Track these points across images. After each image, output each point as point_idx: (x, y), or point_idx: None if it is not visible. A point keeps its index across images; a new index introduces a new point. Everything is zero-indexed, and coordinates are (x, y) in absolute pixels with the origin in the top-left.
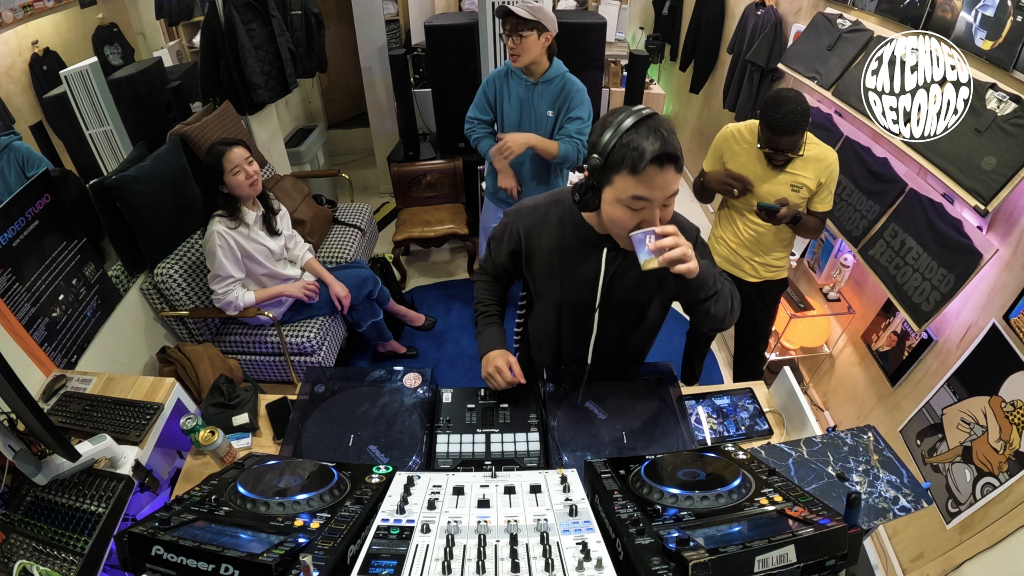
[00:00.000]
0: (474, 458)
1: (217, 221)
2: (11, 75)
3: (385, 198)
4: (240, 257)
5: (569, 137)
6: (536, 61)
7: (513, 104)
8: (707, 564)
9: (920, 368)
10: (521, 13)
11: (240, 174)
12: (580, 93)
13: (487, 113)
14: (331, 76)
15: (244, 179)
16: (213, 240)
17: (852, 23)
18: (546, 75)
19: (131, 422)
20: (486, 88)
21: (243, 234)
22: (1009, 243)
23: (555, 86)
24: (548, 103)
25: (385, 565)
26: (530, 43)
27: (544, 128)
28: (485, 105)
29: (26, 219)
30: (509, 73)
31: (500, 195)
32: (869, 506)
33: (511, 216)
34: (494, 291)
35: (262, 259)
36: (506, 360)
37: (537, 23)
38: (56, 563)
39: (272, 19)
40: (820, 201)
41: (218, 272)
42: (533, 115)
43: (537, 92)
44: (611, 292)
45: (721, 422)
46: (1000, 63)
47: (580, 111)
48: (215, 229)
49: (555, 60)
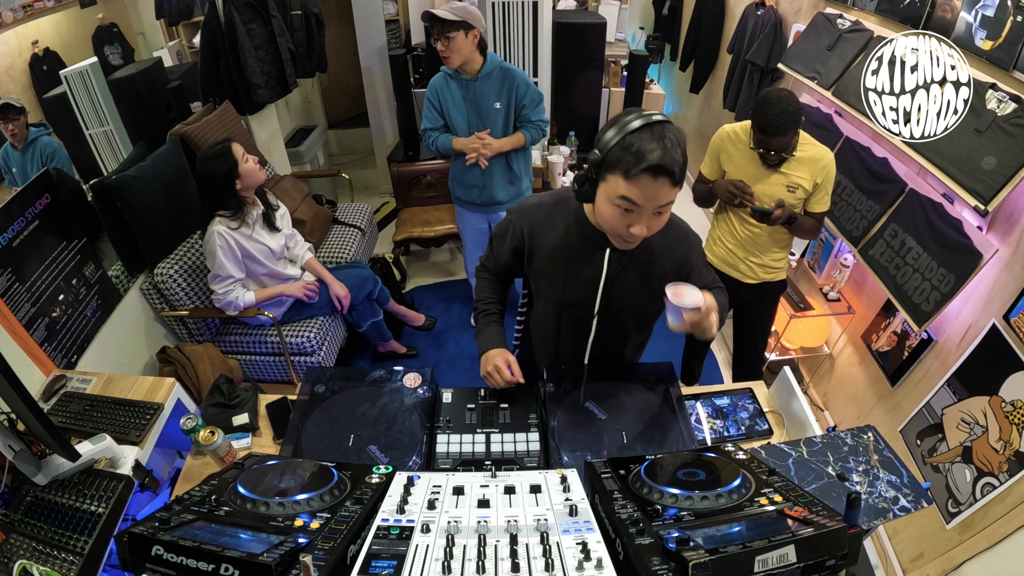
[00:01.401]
0: (474, 458)
1: (218, 221)
2: (11, 75)
3: (385, 198)
4: (240, 257)
5: (531, 123)
6: (468, 59)
7: (459, 105)
8: (707, 564)
9: (920, 368)
10: (445, 16)
11: (249, 161)
12: (523, 79)
13: (438, 121)
14: (331, 76)
15: (254, 164)
16: (213, 240)
17: (852, 23)
18: (483, 70)
19: (131, 422)
20: (430, 97)
21: (244, 234)
22: (1009, 243)
23: (495, 79)
24: (493, 96)
25: (385, 565)
26: (459, 43)
27: (495, 120)
28: (434, 114)
29: (26, 219)
30: (448, 78)
31: (471, 196)
32: (869, 506)
33: (515, 213)
34: (495, 289)
35: (263, 258)
36: (505, 359)
37: (462, 23)
38: (56, 563)
39: (272, 19)
40: (817, 202)
41: (218, 272)
42: (480, 111)
43: (479, 89)
44: (611, 293)
45: (721, 422)
46: (1000, 63)
47: (531, 96)
48: (215, 229)
49: (488, 54)
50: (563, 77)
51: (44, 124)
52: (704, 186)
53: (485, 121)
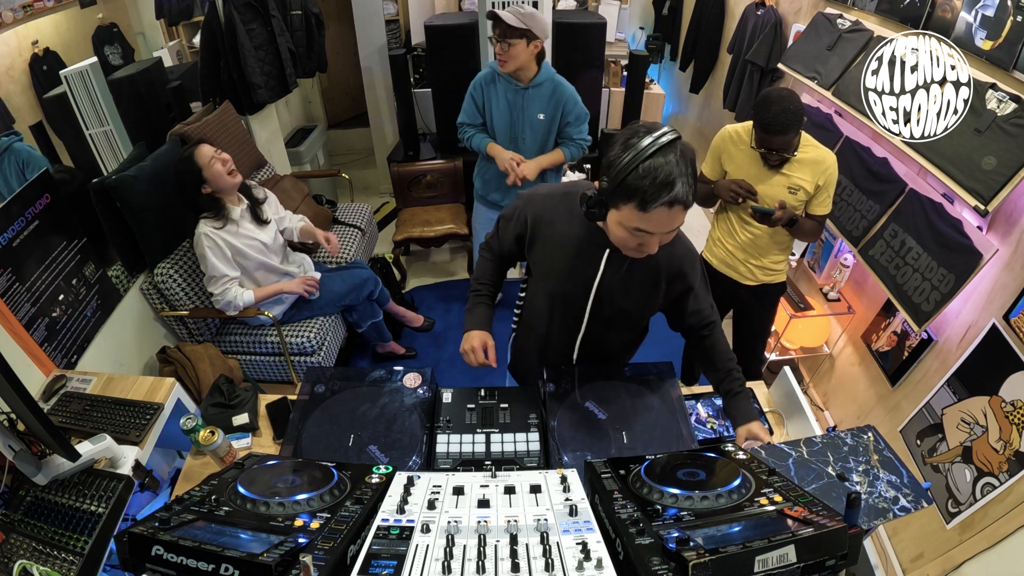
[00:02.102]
0: (474, 458)
1: (203, 223)
2: (11, 75)
3: (385, 198)
4: (231, 256)
5: (572, 141)
6: (524, 67)
7: (502, 108)
8: (707, 564)
9: (920, 368)
10: (510, 20)
11: (216, 163)
12: (572, 95)
13: (477, 119)
14: (331, 76)
15: (221, 167)
16: (201, 243)
17: (852, 23)
18: (536, 79)
19: (131, 422)
20: (473, 93)
21: (231, 231)
22: (1009, 243)
23: (545, 90)
24: (540, 107)
25: (385, 565)
26: (518, 51)
27: (536, 130)
28: (474, 111)
29: (26, 219)
30: (496, 77)
31: (491, 197)
32: (869, 506)
33: (523, 200)
34: (493, 271)
35: (255, 253)
36: (483, 341)
37: (526, 31)
38: (56, 563)
39: (272, 19)
40: (818, 204)
41: (212, 273)
42: (524, 118)
43: (527, 96)
44: (605, 293)
45: (721, 422)
46: (1000, 63)
47: (577, 113)
48: (201, 231)
49: (544, 64)
50: (563, 77)
51: (13, 132)
52: (705, 186)
53: (526, 128)
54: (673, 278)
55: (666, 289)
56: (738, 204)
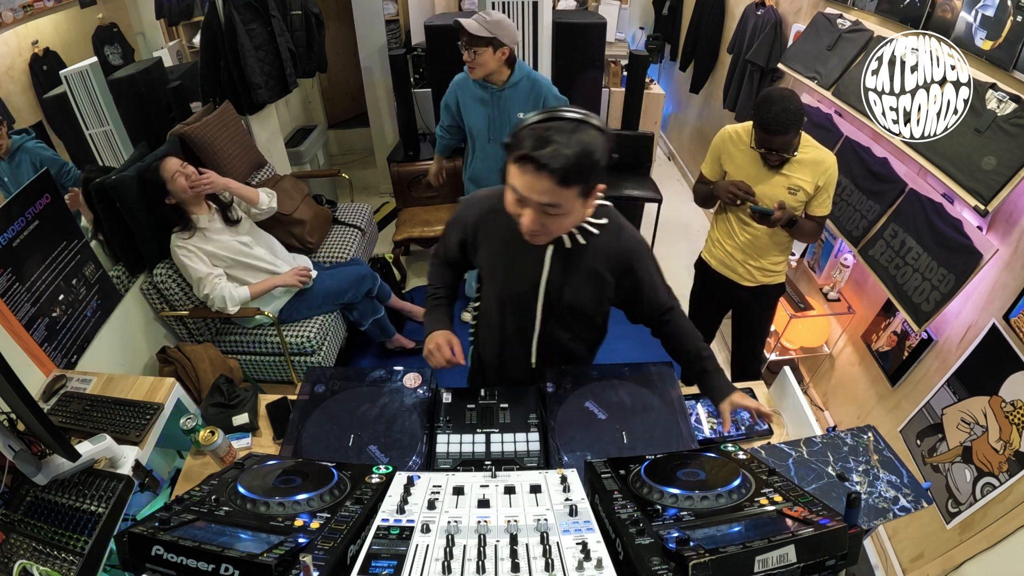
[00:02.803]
0: (474, 458)
1: (174, 237)
2: (11, 75)
3: (385, 198)
4: (207, 260)
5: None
6: (494, 72)
7: (477, 110)
8: (707, 564)
9: (920, 368)
10: (473, 29)
11: (179, 178)
12: (548, 86)
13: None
14: (331, 76)
15: (184, 182)
16: (177, 255)
17: (852, 23)
18: (511, 80)
19: (131, 422)
20: (448, 100)
21: (201, 238)
22: (1009, 243)
23: (522, 88)
24: (519, 106)
25: (385, 565)
26: (485, 58)
27: None
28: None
29: (26, 219)
30: (470, 81)
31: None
32: (869, 506)
33: (464, 204)
34: (444, 275)
35: (228, 254)
36: (447, 339)
37: (492, 39)
38: (56, 563)
39: (272, 19)
40: (818, 205)
41: (196, 276)
42: (502, 119)
43: (505, 98)
44: (553, 290)
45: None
46: (1000, 63)
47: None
48: (173, 246)
49: (518, 64)
50: (563, 77)
51: (26, 130)
52: (705, 187)
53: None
54: (621, 274)
55: (616, 284)
56: (737, 205)
